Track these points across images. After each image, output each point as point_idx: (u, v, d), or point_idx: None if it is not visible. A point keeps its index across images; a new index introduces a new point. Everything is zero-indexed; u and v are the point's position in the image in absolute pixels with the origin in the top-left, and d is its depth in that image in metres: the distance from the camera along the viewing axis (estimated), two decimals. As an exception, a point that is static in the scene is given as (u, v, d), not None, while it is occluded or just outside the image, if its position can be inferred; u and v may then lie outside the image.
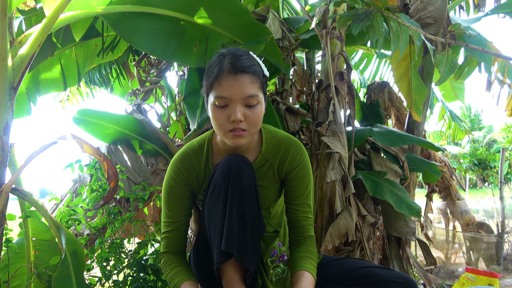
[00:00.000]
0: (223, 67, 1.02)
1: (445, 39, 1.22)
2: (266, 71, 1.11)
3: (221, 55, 1.07)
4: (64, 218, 1.63)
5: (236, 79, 1.01)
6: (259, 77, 1.05)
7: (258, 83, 1.05)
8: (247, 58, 1.06)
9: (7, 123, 1.34)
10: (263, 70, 1.09)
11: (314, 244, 1.20)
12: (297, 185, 1.19)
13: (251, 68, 1.04)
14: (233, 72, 1.01)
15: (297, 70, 2.65)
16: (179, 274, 1.13)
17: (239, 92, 1.01)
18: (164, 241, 1.21)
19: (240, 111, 1.02)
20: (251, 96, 1.02)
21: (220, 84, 1.02)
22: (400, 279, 1.10)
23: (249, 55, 1.09)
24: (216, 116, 1.04)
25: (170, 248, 1.21)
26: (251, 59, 1.07)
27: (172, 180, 1.17)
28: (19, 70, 1.37)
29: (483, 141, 21.96)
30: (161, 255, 1.22)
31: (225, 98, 1.02)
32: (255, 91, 1.03)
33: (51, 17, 1.41)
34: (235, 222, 1.03)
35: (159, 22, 1.89)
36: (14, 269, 1.50)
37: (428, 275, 2.34)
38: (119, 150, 2.25)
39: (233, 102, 1.02)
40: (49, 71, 2.41)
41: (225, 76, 1.01)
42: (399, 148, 2.34)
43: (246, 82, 1.01)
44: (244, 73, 1.02)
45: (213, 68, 1.05)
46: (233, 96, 1.01)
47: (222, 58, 1.05)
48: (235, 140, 1.05)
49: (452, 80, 3.49)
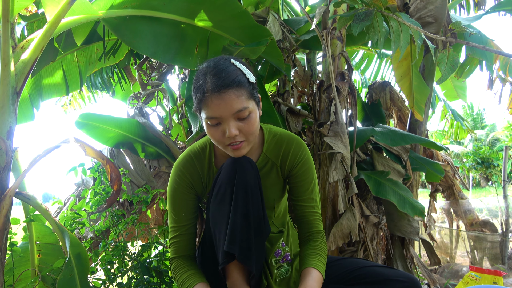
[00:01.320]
0: (206, 87, 1.00)
1: (445, 38, 1.22)
2: (252, 76, 1.06)
3: (203, 73, 1.04)
4: (68, 221, 1.64)
5: (221, 98, 0.98)
6: (244, 87, 1.02)
7: (245, 94, 1.02)
8: (228, 72, 1.02)
9: (10, 128, 1.35)
10: (248, 78, 1.05)
11: (323, 240, 1.20)
12: (301, 180, 1.19)
13: (234, 81, 1.00)
14: (216, 91, 0.98)
15: (298, 71, 2.66)
16: (190, 277, 1.12)
17: (227, 110, 0.99)
18: (173, 246, 1.21)
19: (234, 126, 1.01)
20: (240, 110, 1.00)
21: (208, 106, 1.00)
22: (404, 278, 1.10)
23: (231, 65, 1.05)
24: (212, 133, 1.04)
25: (179, 253, 1.20)
26: (233, 70, 1.03)
27: (176, 184, 1.18)
28: (21, 75, 1.38)
29: (485, 139, 21.89)
30: (171, 260, 1.22)
31: (215, 118, 1.01)
32: (243, 103, 1.01)
33: (52, 22, 1.42)
34: (239, 223, 1.03)
35: (160, 25, 1.90)
36: (19, 273, 1.51)
37: (432, 275, 2.33)
38: (121, 153, 2.26)
39: (224, 120, 1.01)
40: (51, 76, 2.42)
41: (210, 97, 0.99)
42: (402, 147, 2.34)
43: (232, 98, 0.99)
44: (228, 89, 0.99)
45: (198, 90, 1.02)
46: (222, 115, 1.00)
47: (204, 78, 1.02)
48: (236, 152, 1.06)
49: (454, 79, 3.49)
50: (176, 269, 1.18)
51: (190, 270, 1.15)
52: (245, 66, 1.07)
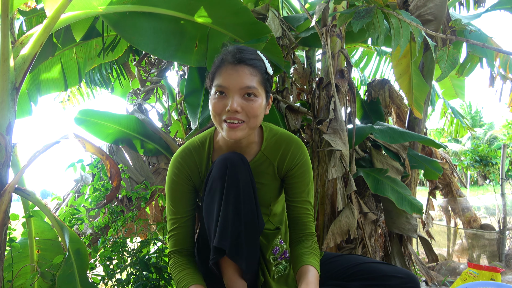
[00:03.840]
0: (226, 57, 1.06)
1: (446, 35, 1.22)
2: (270, 69, 1.12)
3: (228, 49, 1.10)
4: (67, 217, 1.64)
5: (235, 69, 1.04)
6: (260, 72, 1.07)
7: (258, 77, 1.07)
8: (251, 53, 1.08)
9: (9, 123, 1.34)
10: (266, 67, 1.11)
11: (315, 241, 1.21)
12: (298, 182, 1.20)
13: (252, 61, 1.06)
14: (233, 62, 1.04)
15: (298, 68, 2.65)
16: (186, 277, 1.13)
17: (237, 82, 1.03)
18: (172, 239, 1.21)
19: (237, 101, 1.03)
20: (249, 87, 1.04)
21: (221, 74, 1.05)
22: (401, 274, 1.11)
23: (255, 51, 1.11)
24: (214, 105, 1.07)
25: (177, 246, 1.21)
26: (255, 54, 1.10)
27: (174, 175, 1.18)
28: (21, 70, 1.38)
29: (483, 138, 21.96)
30: (170, 255, 1.22)
31: (223, 87, 1.04)
32: (254, 83, 1.05)
33: (52, 17, 1.41)
34: (230, 219, 1.03)
35: (160, 21, 1.90)
36: (18, 268, 1.51)
37: (430, 272, 2.34)
38: (120, 149, 2.26)
39: (230, 92, 1.04)
40: (49, 72, 2.42)
41: (225, 66, 1.05)
42: (400, 145, 2.34)
43: (245, 73, 1.04)
44: (244, 64, 1.05)
45: (217, 61, 1.09)
46: (230, 85, 1.03)
47: (227, 51, 1.09)
48: (230, 132, 1.05)
49: (453, 78, 3.49)
50: (173, 265, 1.19)
51: (187, 269, 1.16)
52: (267, 60, 1.13)
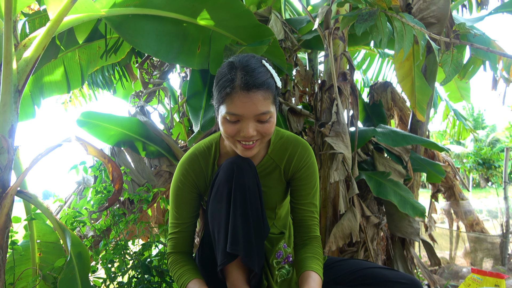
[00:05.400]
0: (236, 83, 0.98)
1: (450, 39, 1.21)
2: (279, 81, 1.06)
3: (233, 67, 1.01)
4: (69, 220, 1.63)
5: (249, 96, 0.97)
6: (272, 91, 1.01)
7: (271, 98, 1.01)
8: (260, 72, 1.00)
9: (12, 126, 1.34)
10: (276, 82, 1.05)
11: (319, 245, 1.20)
12: (304, 184, 1.19)
13: (265, 83, 0.99)
14: (246, 89, 0.97)
15: (300, 70, 2.65)
16: (186, 273, 1.13)
17: (252, 110, 0.98)
18: (171, 241, 1.22)
19: (252, 127, 1.00)
20: (264, 113, 1.00)
21: (233, 101, 0.98)
22: (405, 280, 1.10)
23: (262, 66, 1.03)
24: (226, 128, 1.03)
25: (177, 248, 1.22)
26: (264, 72, 1.02)
27: (180, 182, 1.18)
28: (23, 73, 1.38)
29: (486, 140, 21.90)
30: (168, 255, 1.23)
31: (237, 115, 1.00)
32: (268, 107, 1.00)
33: (55, 20, 1.41)
34: (240, 223, 1.03)
35: (162, 24, 1.90)
36: (20, 271, 1.51)
37: (432, 276, 2.33)
38: (122, 152, 2.26)
39: (245, 119, 1.00)
40: (52, 74, 2.42)
41: (238, 93, 0.97)
42: (403, 148, 2.34)
43: (259, 99, 0.98)
44: (257, 89, 0.97)
45: (225, 83, 1.00)
46: (245, 114, 0.99)
47: (234, 72, 1.00)
48: (246, 152, 1.05)
49: (457, 80, 3.48)
50: (172, 263, 1.19)
51: (186, 266, 1.16)
52: (273, 70, 1.06)
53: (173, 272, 1.18)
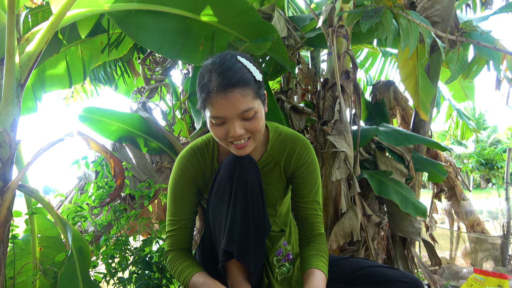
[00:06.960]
0: (211, 86, 0.96)
1: (456, 37, 1.20)
2: (258, 74, 1.02)
3: (208, 69, 1.00)
4: (70, 215, 1.63)
5: (226, 97, 0.95)
6: (250, 86, 0.98)
7: (251, 93, 0.98)
8: (234, 70, 0.98)
9: (14, 120, 1.34)
10: (255, 76, 1.00)
11: (324, 242, 1.19)
12: (305, 182, 1.18)
13: (240, 81, 0.96)
14: (222, 90, 0.95)
15: (302, 68, 2.64)
16: (188, 268, 1.12)
17: (232, 110, 0.96)
18: (170, 239, 1.20)
19: (238, 126, 0.99)
20: (246, 111, 0.97)
21: (212, 105, 0.97)
22: (407, 279, 1.09)
23: (238, 63, 1.00)
24: (215, 132, 1.02)
25: (175, 246, 1.20)
26: (240, 68, 0.99)
27: (178, 177, 1.17)
28: (26, 67, 1.37)
29: (487, 141, 21.87)
30: (167, 253, 1.21)
31: (220, 118, 0.98)
32: (249, 104, 0.97)
33: (58, 14, 1.40)
34: (238, 221, 1.02)
35: (166, 20, 1.89)
36: (20, 265, 1.51)
37: (433, 276, 2.32)
38: (124, 147, 2.26)
39: (229, 120, 0.98)
40: (54, 68, 2.41)
41: (215, 96, 0.96)
42: (405, 147, 2.33)
43: (237, 98, 0.96)
44: (234, 88, 0.95)
45: (203, 87, 0.99)
46: (227, 115, 0.97)
47: (209, 75, 0.98)
48: (240, 151, 1.04)
49: (461, 80, 3.46)
50: (172, 260, 1.17)
51: (187, 261, 1.15)
52: (251, 63, 1.03)
53: (173, 269, 1.16)
